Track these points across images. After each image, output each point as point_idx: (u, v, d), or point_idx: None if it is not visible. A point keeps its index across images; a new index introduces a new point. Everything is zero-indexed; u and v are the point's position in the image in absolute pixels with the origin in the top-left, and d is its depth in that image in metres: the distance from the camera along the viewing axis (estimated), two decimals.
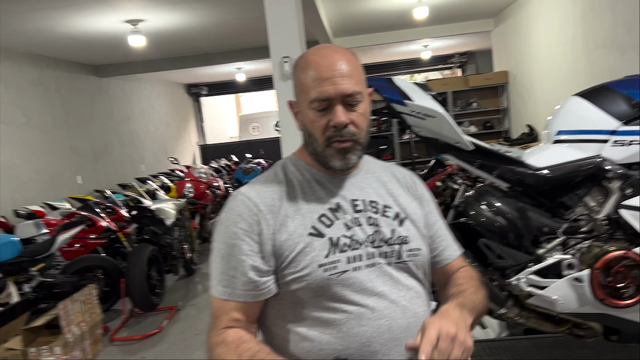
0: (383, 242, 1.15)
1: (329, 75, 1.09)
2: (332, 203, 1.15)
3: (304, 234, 1.11)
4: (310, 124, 1.14)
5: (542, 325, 1.88)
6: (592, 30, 5.54)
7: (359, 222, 1.15)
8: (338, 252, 1.10)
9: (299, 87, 1.15)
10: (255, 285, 1.10)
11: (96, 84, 9.72)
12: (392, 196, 1.22)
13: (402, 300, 1.13)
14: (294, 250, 1.10)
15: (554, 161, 1.81)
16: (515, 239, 1.80)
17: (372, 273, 1.12)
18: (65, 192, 8.06)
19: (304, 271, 1.09)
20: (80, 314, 4.05)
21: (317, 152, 1.15)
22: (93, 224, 5.32)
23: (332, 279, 1.08)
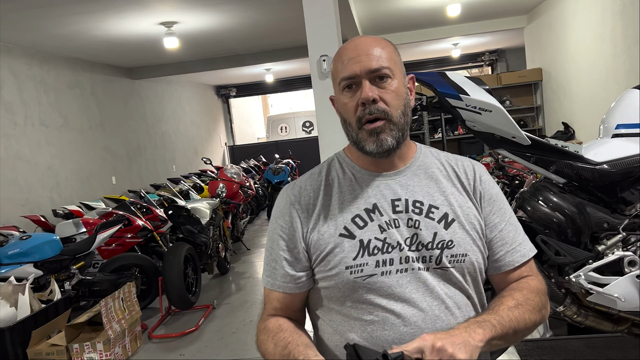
0: (422, 246, 1.09)
1: (354, 55, 1.10)
2: (369, 203, 1.12)
3: (335, 235, 1.11)
4: (343, 109, 1.13)
5: (601, 324, 1.84)
6: (633, 25, 5.40)
7: (397, 224, 1.10)
8: (367, 255, 1.08)
9: (333, 76, 1.17)
10: (292, 278, 1.14)
11: (129, 86, 9.89)
12: (444, 194, 1.14)
13: (434, 309, 1.07)
14: (324, 250, 1.11)
15: (614, 156, 1.76)
16: (573, 235, 1.76)
17: (403, 278, 1.07)
18: (101, 192, 8.21)
19: (332, 271, 1.10)
20: (121, 311, 4.11)
21: (354, 139, 1.13)
22: (129, 223, 5.40)
23: (357, 282, 1.08)
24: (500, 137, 1.79)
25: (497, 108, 1.71)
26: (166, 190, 7.39)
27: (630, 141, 1.78)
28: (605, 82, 6.22)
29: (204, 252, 5.51)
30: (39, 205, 6.77)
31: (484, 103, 1.71)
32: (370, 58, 1.08)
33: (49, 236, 4.74)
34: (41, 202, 6.85)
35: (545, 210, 1.78)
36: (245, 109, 18.25)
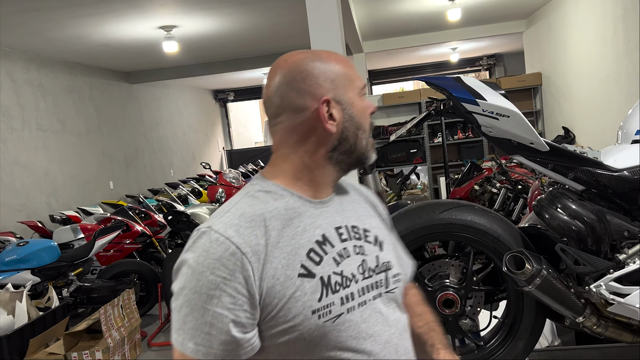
0: (371, 272, 1.04)
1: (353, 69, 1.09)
2: (318, 234, 1.00)
3: (293, 276, 0.94)
4: (363, 115, 1.06)
5: (621, 335, 1.79)
6: (634, 29, 5.39)
7: (348, 253, 1.02)
8: (331, 294, 0.97)
9: (342, 77, 1.04)
10: (238, 344, 0.92)
11: (127, 90, 9.83)
12: (367, 217, 1.12)
13: (393, 338, 1.04)
14: (284, 297, 0.93)
15: (635, 162, 1.72)
16: (593, 243, 1.71)
17: (364, 312, 1.01)
18: (98, 197, 8.14)
19: (295, 320, 0.93)
20: (120, 318, 4.04)
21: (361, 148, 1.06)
22: (128, 229, 5.34)
23: (327, 325, 0.95)
24: (518, 143, 1.75)
25: (515, 113, 1.67)
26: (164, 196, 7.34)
27: None
28: (606, 87, 6.21)
29: None
30: (36, 211, 6.69)
31: (501, 108, 1.67)
32: None
33: (47, 242, 4.69)
34: (38, 208, 6.77)
35: (564, 218, 1.73)
36: (242, 113, 18.21)
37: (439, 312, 1.94)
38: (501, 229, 1.85)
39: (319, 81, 1.02)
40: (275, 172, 1.05)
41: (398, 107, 9.08)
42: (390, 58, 11.98)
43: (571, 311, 1.75)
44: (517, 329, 1.94)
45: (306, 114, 1.02)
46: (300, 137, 1.03)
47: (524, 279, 1.73)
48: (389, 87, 17.26)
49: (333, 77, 1.03)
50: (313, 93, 1.01)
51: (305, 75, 1.02)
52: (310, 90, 1.01)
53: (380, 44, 9.51)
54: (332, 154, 1.04)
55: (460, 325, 1.97)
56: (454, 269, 1.99)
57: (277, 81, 1.04)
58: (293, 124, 1.03)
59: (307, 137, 1.03)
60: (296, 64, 1.03)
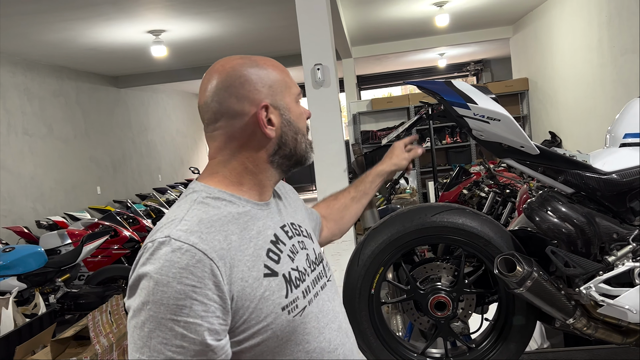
0: (314, 264, 1.10)
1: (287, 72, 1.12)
2: (270, 234, 1.03)
3: (259, 277, 0.95)
4: (300, 119, 1.09)
5: (611, 336, 1.81)
6: (619, 36, 5.48)
7: (296, 249, 1.06)
8: (294, 289, 1.00)
9: (279, 84, 1.06)
10: (214, 352, 0.88)
11: (115, 94, 9.77)
12: (296, 212, 1.18)
13: (343, 323, 1.11)
14: (255, 298, 0.93)
15: (623, 165, 1.75)
16: (583, 246, 1.73)
17: (319, 303, 1.05)
18: (86, 202, 8.08)
19: (267, 319, 0.94)
20: (109, 325, 4.00)
21: (300, 150, 1.09)
22: (116, 234, 5.30)
23: (296, 320, 0.98)
24: (508, 146, 1.76)
25: (506, 117, 1.68)
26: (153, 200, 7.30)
27: (638, 150, 1.77)
28: (592, 92, 6.29)
29: None
30: (22, 216, 6.61)
31: (492, 112, 1.68)
32: None
33: (33, 248, 4.63)
34: (24, 213, 6.70)
35: (554, 220, 1.75)
36: None
37: (431, 315, 1.94)
38: (492, 232, 1.87)
39: (257, 87, 1.02)
40: (216, 179, 1.04)
41: (386, 112, 9.13)
42: (378, 63, 12.04)
43: (562, 313, 1.76)
44: (509, 331, 1.95)
45: (245, 119, 1.02)
46: (240, 143, 1.04)
47: (515, 282, 1.75)
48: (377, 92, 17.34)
49: (270, 83, 1.04)
50: (252, 98, 1.02)
51: (244, 81, 1.02)
52: (249, 95, 1.02)
53: (368, 49, 9.56)
54: (272, 158, 1.06)
55: (452, 328, 1.98)
56: (445, 272, 2.00)
57: (214, 86, 1.03)
58: (232, 130, 1.03)
59: (247, 143, 1.04)
60: (234, 69, 1.03)
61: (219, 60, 1.08)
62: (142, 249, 0.92)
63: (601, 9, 5.79)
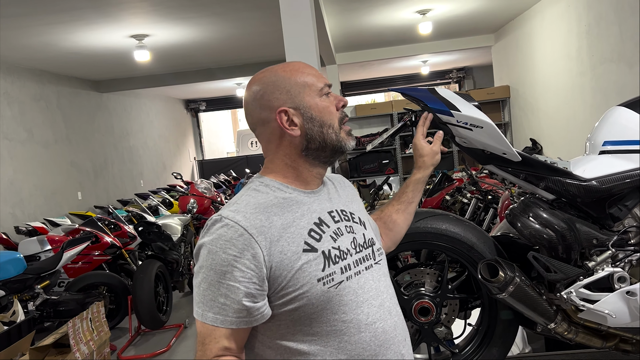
0: (361, 247, 1.21)
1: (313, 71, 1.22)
2: (315, 217, 1.17)
3: (298, 251, 1.11)
4: (324, 112, 1.19)
5: (591, 340, 1.84)
6: (598, 45, 5.58)
7: (341, 231, 1.19)
8: (332, 264, 1.13)
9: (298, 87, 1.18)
10: (249, 312, 1.07)
11: (97, 99, 9.67)
12: (349, 202, 1.30)
13: (386, 302, 1.20)
14: (292, 269, 1.09)
15: (602, 172, 1.78)
16: (564, 251, 1.76)
17: (360, 280, 1.16)
18: (66, 208, 7.96)
19: (303, 288, 1.09)
20: (89, 332, 3.94)
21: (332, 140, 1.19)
22: (97, 240, 5.23)
23: (331, 291, 1.11)
24: (491, 153, 1.79)
25: (489, 124, 1.70)
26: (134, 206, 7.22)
27: (617, 158, 1.80)
28: (571, 100, 6.40)
29: (176, 270, 5.37)
30: (0, 222, 6.50)
31: (475, 119, 1.70)
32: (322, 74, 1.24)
33: (12, 254, 4.54)
34: (3, 219, 6.58)
35: (536, 226, 1.77)
36: (214, 124, 18.10)
37: (415, 321, 1.95)
38: (475, 238, 1.89)
39: (275, 95, 1.18)
40: (268, 172, 1.23)
41: (370, 118, 9.17)
42: (362, 70, 12.11)
43: (543, 318, 1.78)
44: (491, 336, 1.97)
45: (271, 125, 1.19)
46: (275, 144, 1.20)
47: (498, 287, 1.77)
48: (360, 99, 17.42)
49: (288, 88, 1.18)
50: (271, 106, 1.18)
51: (263, 92, 1.19)
52: (269, 104, 1.18)
53: (352, 56, 9.60)
54: (306, 152, 1.19)
55: (436, 333, 1.99)
56: (429, 278, 2.02)
57: (246, 100, 1.22)
58: (266, 134, 1.21)
59: (280, 143, 1.20)
60: (258, 82, 1.21)
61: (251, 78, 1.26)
62: (205, 225, 1.15)
63: (580, 19, 5.90)
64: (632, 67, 4.98)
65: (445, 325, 2.01)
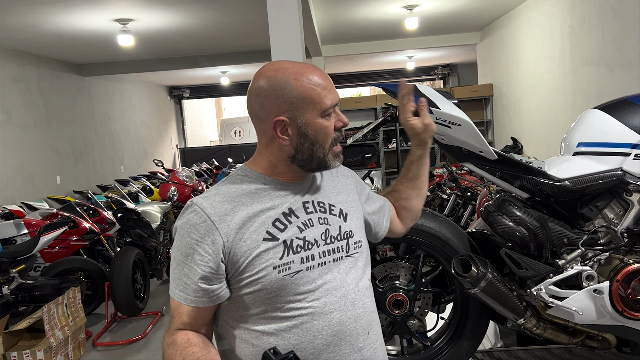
0: (333, 239, 1.23)
1: (328, 85, 1.20)
2: (284, 208, 1.21)
3: (258, 240, 1.15)
4: (320, 132, 1.19)
5: (558, 336, 1.89)
6: (580, 47, 5.66)
7: (312, 223, 1.22)
8: (292, 254, 1.16)
9: (302, 99, 1.17)
10: (205, 292, 1.15)
11: (78, 82, 9.53)
12: (334, 194, 1.32)
13: (351, 293, 1.22)
14: (250, 256, 1.14)
15: (575, 173, 1.82)
16: (535, 249, 1.80)
17: (323, 271, 1.19)
18: (44, 192, 7.86)
19: (259, 274, 1.14)
20: (64, 317, 3.92)
21: (317, 158, 1.21)
22: (75, 226, 5.18)
23: (286, 279, 1.15)
24: (468, 150, 1.81)
25: (467, 122, 1.73)
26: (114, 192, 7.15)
27: (590, 159, 1.84)
28: (553, 101, 6.48)
29: (154, 257, 5.35)
30: None
31: (453, 117, 1.73)
32: (335, 89, 1.22)
33: None
34: None
35: (509, 224, 1.81)
36: (197, 111, 17.95)
37: (389, 313, 1.98)
38: (450, 233, 1.92)
39: (279, 101, 1.17)
40: (253, 163, 1.27)
41: (355, 111, 9.18)
42: (348, 63, 12.10)
43: (513, 313, 1.83)
44: (462, 330, 2.01)
45: (266, 125, 1.20)
46: (266, 141, 1.23)
47: (470, 282, 1.80)
48: (346, 92, 17.42)
49: (292, 100, 1.17)
50: (271, 110, 1.18)
51: (269, 94, 1.18)
52: (270, 107, 1.18)
53: (338, 49, 9.59)
54: (292, 160, 1.22)
55: (409, 326, 2.03)
56: (404, 271, 2.05)
57: (251, 89, 1.22)
58: (260, 129, 1.23)
59: (271, 143, 1.22)
60: (266, 79, 1.19)
61: (267, 64, 1.24)
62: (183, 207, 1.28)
63: (564, 20, 5.97)
64: (612, 71, 5.07)
65: (419, 319, 2.05)
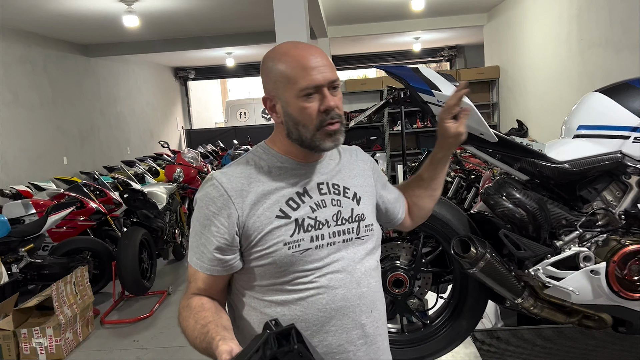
0: (345, 221, 1.27)
1: (312, 64, 1.19)
2: (299, 187, 1.25)
3: (271, 217, 1.20)
4: (299, 113, 1.20)
5: (555, 315, 1.92)
6: (587, 29, 5.61)
7: (324, 203, 1.26)
8: (302, 232, 1.21)
9: (282, 79, 1.21)
10: (220, 262, 1.22)
11: (84, 63, 9.54)
12: (350, 177, 1.34)
13: (357, 272, 1.26)
14: (263, 231, 1.20)
15: (575, 155, 1.84)
16: (534, 230, 1.83)
17: (331, 250, 1.23)
18: (51, 172, 7.93)
19: (270, 248, 1.20)
20: (72, 295, 4.00)
21: (306, 139, 1.22)
22: (82, 206, 5.24)
23: (295, 255, 1.20)
24: (469, 133, 1.83)
25: (468, 105, 1.74)
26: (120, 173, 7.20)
27: (590, 142, 1.86)
28: (558, 83, 6.45)
29: (160, 238, 5.41)
30: None
31: None
32: (328, 69, 1.21)
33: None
34: None
35: (508, 205, 1.84)
36: (203, 93, 17.93)
37: (389, 292, 2.03)
38: (450, 215, 1.95)
39: (267, 80, 1.25)
40: (272, 140, 1.31)
41: (360, 93, 9.16)
42: (354, 44, 12.03)
43: (511, 293, 1.86)
44: (461, 309, 2.05)
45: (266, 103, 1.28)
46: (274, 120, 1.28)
47: (469, 262, 1.84)
48: (352, 74, 17.33)
49: (275, 79, 1.22)
50: (264, 88, 1.27)
51: (262, 72, 1.26)
52: (264, 85, 1.27)
53: (344, 30, 9.53)
54: (289, 138, 1.25)
55: (409, 305, 2.07)
56: (404, 251, 2.08)
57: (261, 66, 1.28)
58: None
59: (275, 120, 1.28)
60: (267, 59, 1.25)
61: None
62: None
63: (572, 3, 5.91)
64: (618, 53, 5.03)
65: (418, 298, 2.09)
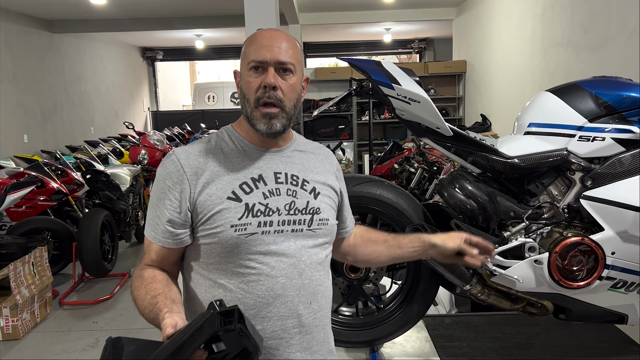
0: (298, 211, 1.28)
1: (267, 43, 1.25)
2: (255, 173, 1.27)
3: (223, 197, 1.23)
4: (245, 85, 1.26)
5: (501, 302, 2.03)
6: (550, 29, 5.78)
7: (279, 192, 1.27)
8: (251, 217, 1.23)
9: (242, 54, 1.29)
10: (171, 235, 1.25)
11: (48, 39, 9.27)
12: (313, 173, 1.35)
13: (301, 264, 1.27)
14: (212, 210, 1.22)
15: (524, 151, 1.94)
16: (484, 221, 1.92)
17: (278, 238, 1.25)
18: (11, 150, 7.72)
19: (217, 228, 1.22)
20: (31, 276, 3.95)
21: (248, 114, 1.26)
22: (43, 185, 5.14)
23: (240, 238, 1.22)
24: (426, 127, 1.91)
25: (425, 100, 1.82)
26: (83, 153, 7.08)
27: (539, 139, 1.96)
28: (521, 80, 6.63)
29: (122, 220, 5.37)
30: None
31: (413, 94, 1.81)
32: (281, 51, 1.24)
33: None
34: None
35: (460, 197, 1.92)
36: (171, 74, 17.65)
37: (346, 277, 2.10)
38: (406, 204, 2.03)
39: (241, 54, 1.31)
40: (238, 123, 1.35)
41: (330, 82, 9.20)
42: (326, 32, 12.03)
43: (460, 280, 1.96)
44: (413, 295, 2.14)
45: None
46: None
47: None
48: (323, 61, 17.34)
49: (241, 55, 1.30)
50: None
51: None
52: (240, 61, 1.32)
53: (316, 17, 9.53)
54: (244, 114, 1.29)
55: (364, 289, 2.15)
56: None
57: None
58: None
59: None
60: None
61: None
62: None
63: (537, 2, 6.07)
64: (578, 53, 5.21)
65: (373, 283, 2.17)
